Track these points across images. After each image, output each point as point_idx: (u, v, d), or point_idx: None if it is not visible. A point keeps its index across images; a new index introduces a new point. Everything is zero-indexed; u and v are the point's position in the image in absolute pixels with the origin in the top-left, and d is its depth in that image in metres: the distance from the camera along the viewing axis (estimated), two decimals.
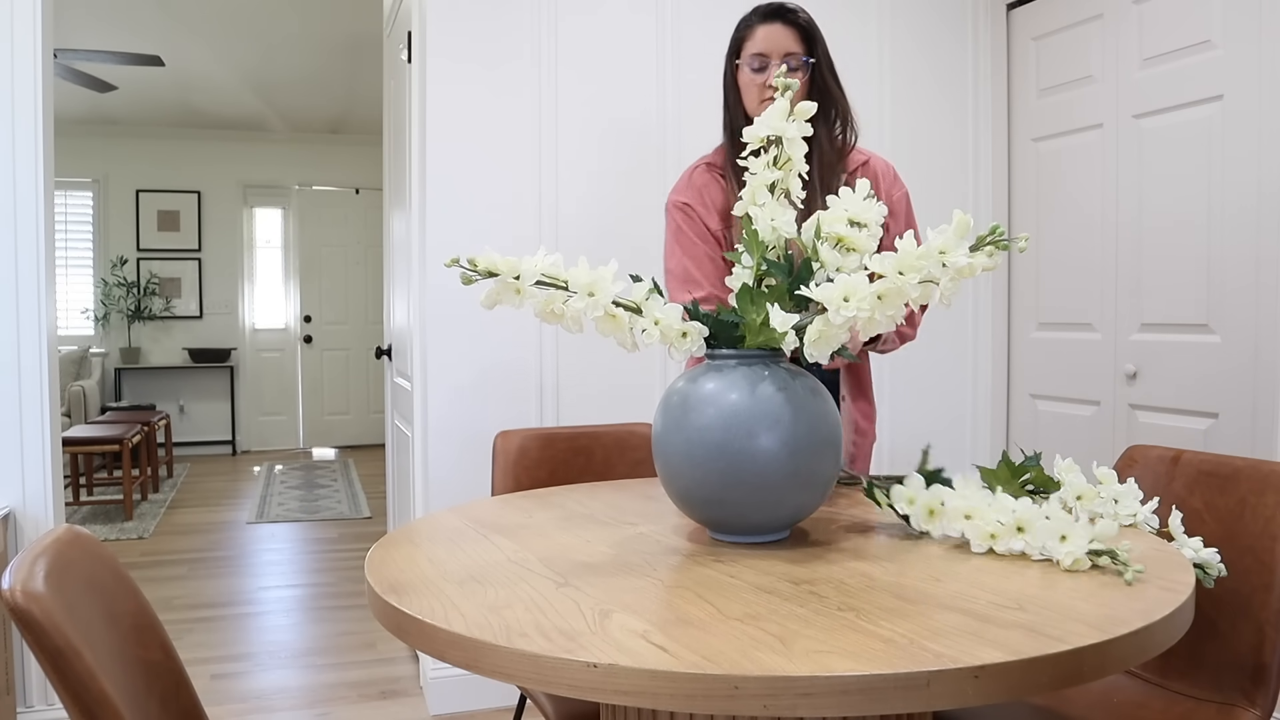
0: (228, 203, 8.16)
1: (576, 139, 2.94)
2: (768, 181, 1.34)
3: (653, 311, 1.27)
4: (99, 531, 5.11)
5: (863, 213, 1.28)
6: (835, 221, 1.28)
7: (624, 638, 0.95)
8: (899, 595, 1.07)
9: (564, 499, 1.68)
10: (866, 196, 1.29)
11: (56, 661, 0.96)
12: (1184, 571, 1.16)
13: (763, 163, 1.35)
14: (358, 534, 5.13)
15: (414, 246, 2.91)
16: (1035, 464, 1.53)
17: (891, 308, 1.21)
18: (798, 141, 1.33)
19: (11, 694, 2.50)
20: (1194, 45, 2.60)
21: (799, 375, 1.29)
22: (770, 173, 1.33)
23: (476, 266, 1.23)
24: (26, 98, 2.52)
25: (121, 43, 5.64)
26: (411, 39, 2.93)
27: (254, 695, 2.96)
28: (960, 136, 3.30)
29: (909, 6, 3.24)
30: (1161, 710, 1.55)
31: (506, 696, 2.78)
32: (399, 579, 1.18)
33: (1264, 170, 2.42)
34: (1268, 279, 2.42)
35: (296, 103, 7.26)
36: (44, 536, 1.16)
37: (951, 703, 0.86)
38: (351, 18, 5.25)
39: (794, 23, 1.84)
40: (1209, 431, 2.59)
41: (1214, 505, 1.60)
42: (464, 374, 2.86)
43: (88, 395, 6.93)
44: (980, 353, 3.36)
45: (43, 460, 2.56)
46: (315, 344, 8.43)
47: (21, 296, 2.54)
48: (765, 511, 1.28)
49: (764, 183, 1.34)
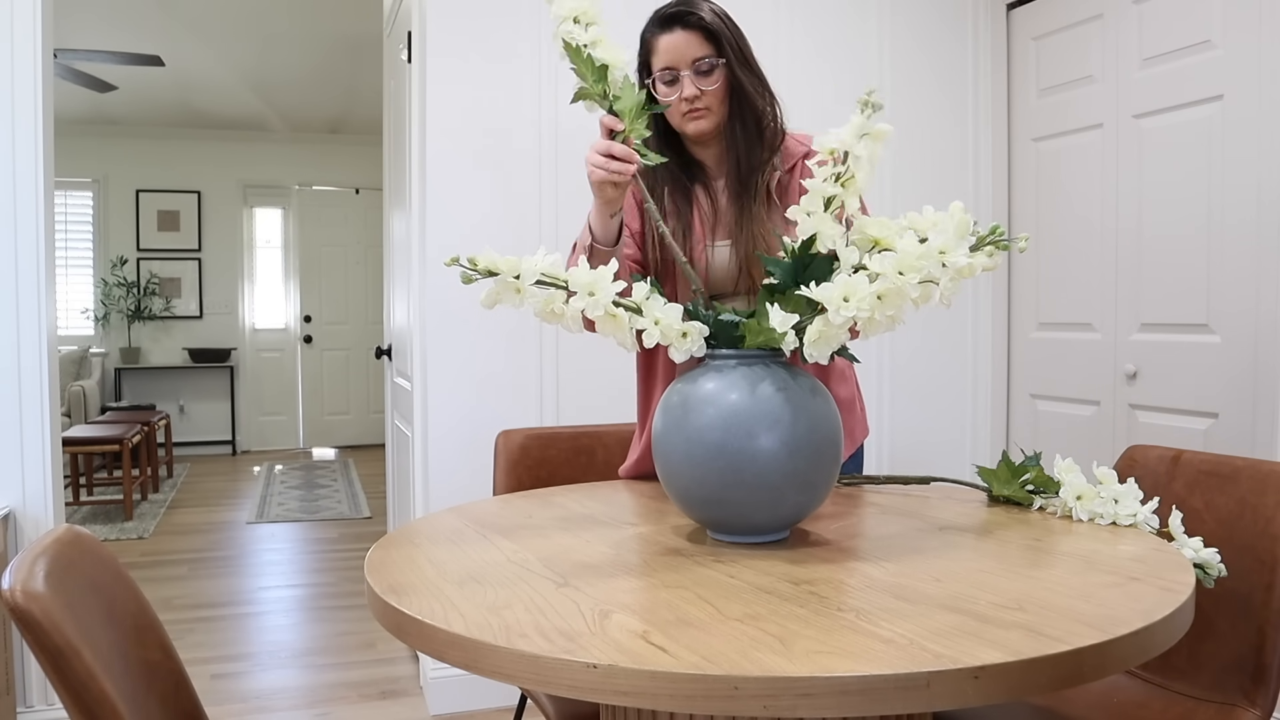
0: (228, 203, 8.16)
1: (577, 139, 2.94)
2: (827, 194, 1.30)
3: (653, 311, 1.27)
4: (99, 531, 5.11)
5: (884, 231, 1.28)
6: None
7: (624, 638, 0.95)
8: (899, 595, 1.07)
9: (564, 499, 1.68)
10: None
11: (56, 661, 0.97)
12: (1184, 571, 1.16)
13: (824, 174, 1.30)
14: (358, 534, 5.13)
15: (414, 246, 2.91)
16: (1035, 464, 1.53)
17: (891, 307, 1.21)
18: (865, 162, 1.30)
19: (11, 694, 2.50)
20: (1194, 45, 2.60)
21: (799, 375, 1.29)
22: (831, 187, 1.30)
23: (476, 266, 1.23)
24: (26, 98, 2.52)
25: (121, 43, 5.64)
26: (411, 39, 2.93)
27: (254, 695, 2.96)
28: (960, 136, 3.30)
29: (909, 6, 3.24)
30: (1161, 710, 1.55)
31: (506, 696, 2.78)
32: (399, 579, 1.18)
33: (1264, 170, 2.42)
34: (1268, 279, 2.42)
35: (296, 103, 7.26)
36: (44, 536, 1.16)
37: (951, 703, 0.86)
38: (351, 17, 5.24)
39: (695, 25, 1.68)
40: (1209, 431, 2.59)
41: (1214, 505, 1.60)
42: (464, 374, 2.86)
43: (88, 395, 6.93)
44: (980, 353, 3.36)
45: (43, 460, 2.56)
46: (315, 344, 8.43)
47: (21, 296, 2.54)
48: (765, 511, 1.28)
49: (822, 194, 1.30)
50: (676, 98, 1.68)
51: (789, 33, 3.12)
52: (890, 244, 1.26)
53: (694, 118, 1.69)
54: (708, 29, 1.68)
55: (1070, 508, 1.44)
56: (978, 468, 1.60)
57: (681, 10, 1.69)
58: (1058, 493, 1.47)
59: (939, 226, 1.24)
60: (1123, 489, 1.40)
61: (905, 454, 3.26)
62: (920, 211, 1.29)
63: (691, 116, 1.70)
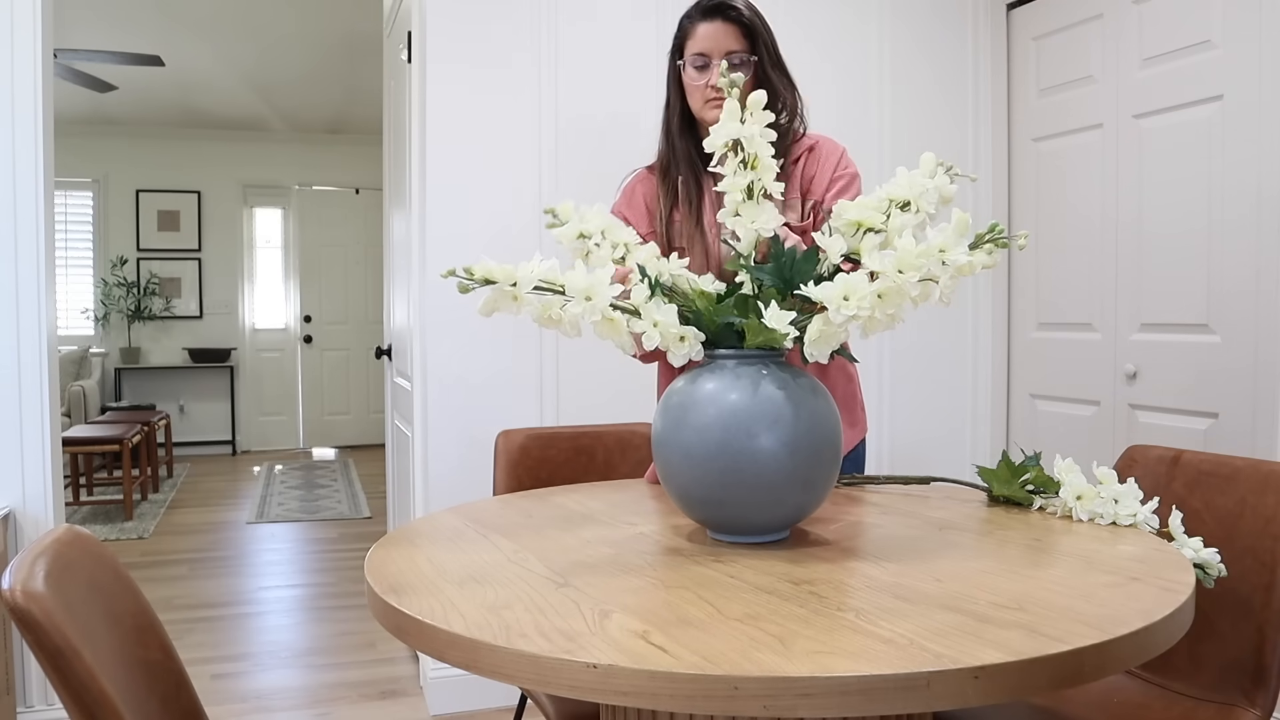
0: (228, 203, 8.16)
1: (577, 139, 2.94)
2: (744, 185, 1.32)
3: (651, 314, 1.27)
4: (99, 531, 5.11)
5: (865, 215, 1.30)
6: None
7: (624, 638, 0.95)
8: (899, 595, 1.07)
9: (564, 499, 1.68)
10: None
11: (56, 661, 0.96)
12: (1184, 571, 1.16)
13: (732, 167, 1.33)
14: (358, 534, 5.13)
15: (414, 246, 2.91)
16: (1035, 464, 1.53)
17: (892, 306, 1.21)
18: (758, 139, 1.31)
19: (11, 694, 2.50)
20: (1194, 45, 2.60)
21: (799, 375, 1.29)
22: (744, 176, 1.32)
23: (473, 275, 1.23)
24: (26, 98, 2.52)
25: (121, 43, 5.64)
26: (411, 39, 2.93)
27: (254, 695, 2.96)
28: (960, 136, 3.30)
29: (909, 6, 3.24)
30: (1161, 710, 1.55)
31: (506, 696, 2.78)
32: (399, 579, 1.18)
33: (1264, 170, 2.42)
34: (1268, 279, 2.42)
35: (296, 103, 7.26)
36: (44, 536, 1.16)
37: (951, 703, 0.86)
38: (351, 18, 5.25)
39: (735, 20, 1.76)
40: (1209, 431, 2.59)
41: (1214, 505, 1.60)
42: (464, 374, 2.86)
43: (88, 395, 6.93)
44: (980, 353, 3.36)
45: (43, 460, 2.56)
46: (315, 344, 8.43)
47: (21, 296, 2.54)
48: (765, 511, 1.28)
49: (740, 187, 1.32)
50: (704, 84, 1.76)
51: (789, 33, 3.09)
52: (873, 224, 1.28)
53: (716, 106, 1.74)
54: (746, 25, 1.76)
55: (1070, 508, 1.44)
56: (978, 468, 1.60)
57: (724, 3, 1.77)
58: (1057, 492, 1.47)
59: (915, 185, 1.27)
60: (1123, 489, 1.40)
61: (905, 454, 3.26)
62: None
63: (714, 104, 1.75)
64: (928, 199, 1.30)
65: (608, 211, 1.40)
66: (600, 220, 1.35)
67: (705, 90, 1.75)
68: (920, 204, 1.29)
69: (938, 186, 1.30)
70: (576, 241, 1.36)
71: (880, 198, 1.31)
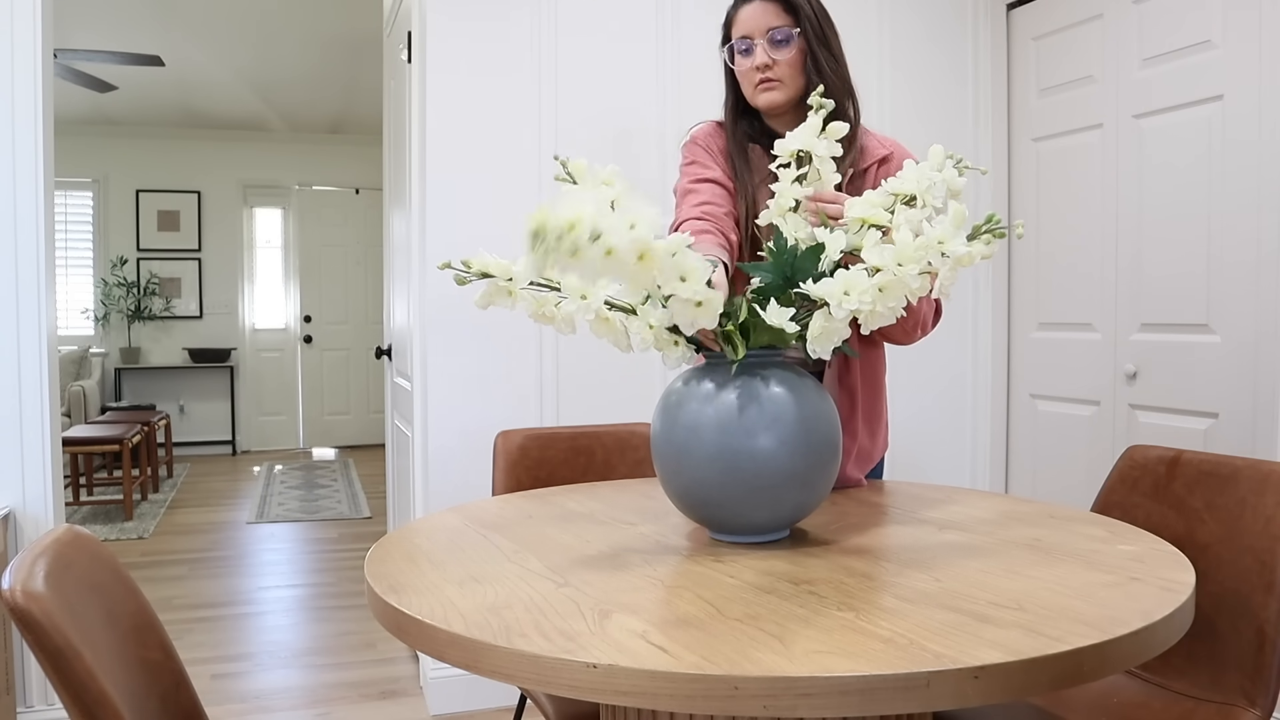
0: (228, 203, 8.16)
1: (577, 139, 2.94)
2: (791, 199, 1.31)
3: (646, 315, 1.27)
4: (99, 531, 5.11)
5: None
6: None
7: (624, 638, 0.95)
8: (899, 595, 1.07)
9: (564, 499, 1.68)
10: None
11: (56, 661, 0.96)
12: (1184, 571, 1.16)
13: (789, 177, 1.32)
14: (358, 534, 5.13)
15: (414, 246, 2.91)
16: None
17: (892, 299, 1.21)
18: (827, 160, 1.31)
19: (11, 694, 2.50)
20: (1194, 45, 2.60)
21: (799, 374, 1.29)
22: (795, 189, 1.31)
23: (470, 268, 1.23)
24: (26, 98, 2.52)
25: (121, 43, 5.64)
26: (411, 39, 2.93)
27: (254, 695, 2.96)
28: (960, 136, 3.30)
29: (909, 6, 3.24)
30: (1161, 710, 1.55)
31: (506, 696, 2.78)
32: (399, 579, 1.18)
33: (1264, 170, 2.42)
34: (1268, 279, 2.42)
35: (296, 103, 7.26)
36: (44, 536, 1.16)
37: (951, 703, 0.86)
38: (351, 17, 5.24)
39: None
40: (1209, 431, 2.59)
41: (1214, 505, 1.60)
42: (464, 374, 2.86)
43: (88, 395, 6.93)
44: (980, 353, 3.36)
45: (43, 460, 2.56)
46: (315, 344, 8.43)
47: (21, 296, 2.54)
48: (765, 511, 1.27)
49: (790, 197, 1.32)
50: (749, 67, 1.69)
51: None
52: (877, 220, 1.27)
53: (765, 88, 1.69)
54: (787, 0, 1.69)
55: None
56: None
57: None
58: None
59: (923, 177, 1.26)
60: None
61: (905, 454, 3.25)
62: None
63: (763, 88, 1.69)
64: (935, 192, 1.28)
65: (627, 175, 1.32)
66: (612, 187, 1.25)
67: (750, 73, 1.69)
68: (927, 198, 1.28)
69: (946, 180, 1.28)
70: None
71: (885, 193, 1.30)
